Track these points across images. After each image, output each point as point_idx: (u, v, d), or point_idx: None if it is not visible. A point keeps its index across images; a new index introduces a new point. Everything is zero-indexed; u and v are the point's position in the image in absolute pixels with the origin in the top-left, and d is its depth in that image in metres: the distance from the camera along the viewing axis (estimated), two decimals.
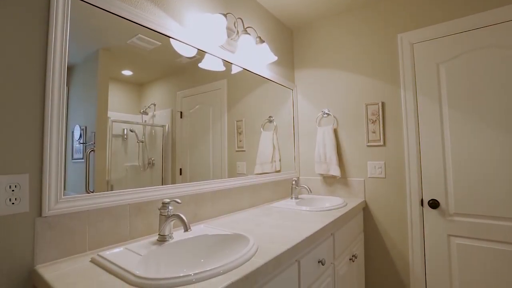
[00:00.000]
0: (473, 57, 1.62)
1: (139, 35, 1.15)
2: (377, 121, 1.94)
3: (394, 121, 1.89)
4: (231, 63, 1.65)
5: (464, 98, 1.65)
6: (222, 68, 1.59)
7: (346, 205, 1.72)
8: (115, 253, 0.87)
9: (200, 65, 1.45)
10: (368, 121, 1.97)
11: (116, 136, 1.06)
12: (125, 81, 1.10)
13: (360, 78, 2.03)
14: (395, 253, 1.86)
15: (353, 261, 1.66)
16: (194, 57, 1.42)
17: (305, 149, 2.30)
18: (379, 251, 1.92)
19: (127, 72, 1.11)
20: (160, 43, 1.24)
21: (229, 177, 1.60)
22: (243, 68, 1.75)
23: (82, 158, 0.95)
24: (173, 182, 1.27)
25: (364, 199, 1.98)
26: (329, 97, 2.18)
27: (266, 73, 1.96)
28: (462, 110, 1.66)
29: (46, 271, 0.77)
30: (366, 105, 1.98)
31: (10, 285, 0.77)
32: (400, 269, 1.84)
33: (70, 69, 0.92)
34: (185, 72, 1.37)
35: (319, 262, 1.23)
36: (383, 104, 1.93)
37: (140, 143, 1.15)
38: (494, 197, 1.55)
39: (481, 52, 1.60)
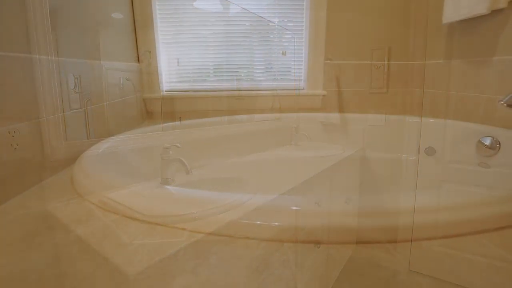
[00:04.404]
0: None
1: None
2: (382, 67, 1.86)
3: (399, 67, 1.82)
4: (229, 1, 1.53)
5: None
6: (220, 8, 1.48)
7: (344, 152, 1.76)
8: (121, 194, 0.91)
9: (196, 4, 1.34)
10: (373, 67, 1.90)
11: (112, 85, 1.04)
12: (116, 25, 1.04)
13: (369, 21, 1.89)
14: (388, 197, 1.96)
15: (347, 204, 1.76)
16: None
17: None
18: (372, 195, 2.02)
19: (117, 15, 1.04)
20: None
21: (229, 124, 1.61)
22: (242, 8, 1.62)
23: (80, 108, 0.94)
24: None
25: (362, 147, 2.01)
26: (332, 42, 2.06)
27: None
28: None
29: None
30: (372, 51, 1.89)
31: None
32: (391, 211, 1.96)
33: (54, 12, 0.86)
34: None
35: (315, 203, 1.30)
36: (389, 49, 1.83)
37: (138, 93, 1.14)
38: None
39: None
